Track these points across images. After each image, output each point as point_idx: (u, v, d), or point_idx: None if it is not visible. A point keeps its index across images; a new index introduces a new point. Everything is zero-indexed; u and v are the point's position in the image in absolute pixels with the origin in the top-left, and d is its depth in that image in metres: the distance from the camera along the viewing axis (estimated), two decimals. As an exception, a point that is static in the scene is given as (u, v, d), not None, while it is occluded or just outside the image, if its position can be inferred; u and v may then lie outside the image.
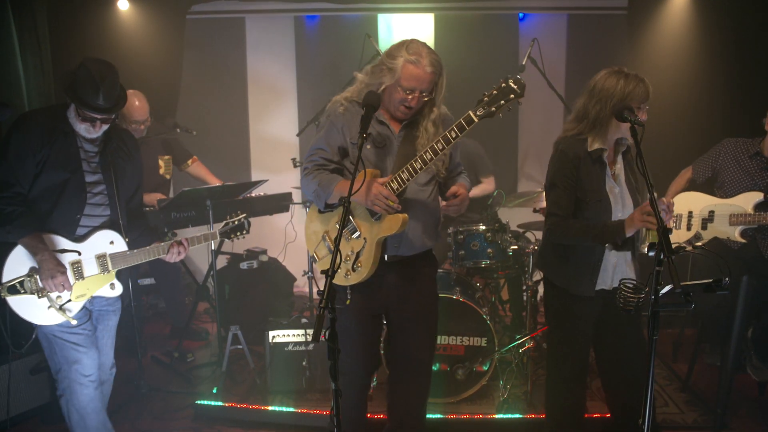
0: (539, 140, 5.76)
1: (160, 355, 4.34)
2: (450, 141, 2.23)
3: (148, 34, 4.87)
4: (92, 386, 2.69)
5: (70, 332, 2.63)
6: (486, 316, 3.51)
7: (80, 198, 2.61)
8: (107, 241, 2.68)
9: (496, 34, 5.58)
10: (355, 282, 2.40)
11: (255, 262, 4.51)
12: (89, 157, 2.64)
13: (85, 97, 2.47)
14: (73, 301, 2.62)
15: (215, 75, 5.69)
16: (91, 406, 2.70)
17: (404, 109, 2.34)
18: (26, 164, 2.51)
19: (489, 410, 3.44)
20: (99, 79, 2.47)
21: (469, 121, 2.21)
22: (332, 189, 2.33)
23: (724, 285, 1.89)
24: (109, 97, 2.51)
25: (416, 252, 2.49)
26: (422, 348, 2.61)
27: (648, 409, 1.98)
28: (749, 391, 3.65)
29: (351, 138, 2.40)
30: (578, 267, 2.52)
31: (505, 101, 2.20)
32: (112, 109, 2.54)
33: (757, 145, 3.48)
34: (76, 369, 2.64)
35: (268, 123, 5.83)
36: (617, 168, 2.56)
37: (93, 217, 2.67)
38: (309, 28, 5.74)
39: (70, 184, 2.58)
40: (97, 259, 2.66)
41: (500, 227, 3.95)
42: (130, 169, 2.78)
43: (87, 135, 2.59)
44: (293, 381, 3.66)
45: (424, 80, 2.28)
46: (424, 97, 2.32)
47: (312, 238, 2.53)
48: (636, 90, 2.38)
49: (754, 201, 3.37)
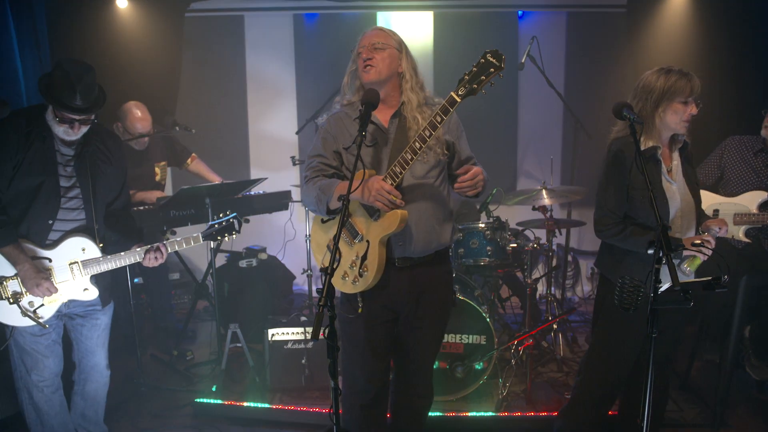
0: (538, 138, 5.77)
1: (159, 354, 4.34)
2: (436, 125, 2.19)
3: (146, 32, 4.86)
4: (48, 390, 2.70)
5: (32, 338, 2.63)
6: (485, 314, 3.51)
7: (54, 202, 2.57)
8: (79, 248, 2.64)
9: (496, 32, 5.58)
10: (363, 288, 2.33)
11: (254, 261, 4.51)
12: (65, 161, 2.60)
13: (61, 97, 2.43)
14: (45, 306, 2.61)
15: (214, 73, 5.68)
16: (47, 407, 2.72)
17: (364, 66, 2.36)
18: (4, 169, 2.48)
19: (488, 408, 3.43)
20: (75, 80, 2.43)
21: (452, 102, 2.18)
22: (333, 191, 2.30)
23: (723, 283, 1.89)
24: (86, 97, 2.47)
25: (427, 253, 2.41)
26: (426, 355, 2.57)
27: (648, 408, 1.98)
28: (748, 389, 3.66)
29: (343, 144, 2.41)
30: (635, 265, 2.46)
31: (486, 76, 2.15)
32: (89, 110, 2.50)
33: (761, 142, 3.47)
34: (32, 374, 2.65)
35: (267, 121, 5.82)
36: (674, 165, 2.54)
37: (67, 221, 2.63)
38: (308, 26, 5.73)
39: (44, 188, 2.54)
40: (69, 265, 2.63)
41: (499, 225, 3.96)
42: (111, 171, 2.72)
43: (66, 137, 2.54)
44: (292, 379, 3.66)
45: (372, 35, 2.39)
46: (375, 49, 2.36)
47: (317, 250, 2.49)
48: (677, 84, 2.40)
49: (759, 200, 3.36)
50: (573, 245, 5.69)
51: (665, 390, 2.81)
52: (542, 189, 4.08)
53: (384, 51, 2.36)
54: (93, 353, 2.82)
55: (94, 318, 2.79)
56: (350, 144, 2.38)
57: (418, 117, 2.35)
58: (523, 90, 5.67)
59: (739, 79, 4.54)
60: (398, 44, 2.42)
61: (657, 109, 2.43)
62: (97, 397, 2.91)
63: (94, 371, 2.85)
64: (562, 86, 5.42)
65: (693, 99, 2.42)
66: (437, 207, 2.40)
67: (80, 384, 2.87)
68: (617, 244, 2.50)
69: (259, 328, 3.81)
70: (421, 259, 2.40)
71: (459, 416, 3.34)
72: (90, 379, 2.86)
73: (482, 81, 2.15)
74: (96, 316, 2.79)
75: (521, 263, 4.20)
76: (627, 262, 2.49)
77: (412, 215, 2.30)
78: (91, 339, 2.80)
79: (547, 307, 4.41)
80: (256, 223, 4.51)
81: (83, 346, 2.80)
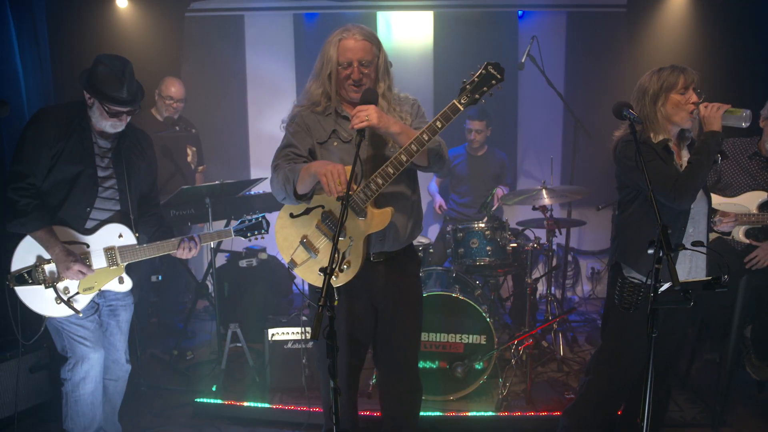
0: (538, 138, 5.77)
1: (159, 353, 4.34)
2: (436, 131, 2.21)
3: (146, 32, 4.87)
4: (92, 381, 2.72)
5: (78, 325, 2.67)
6: (485, 314, 3.51)
7: (92, 191, 2.66)
8: (116, 234, 2.71)
9: (496, 32, 5.58)
10: (343, 282, 2.37)
11: (254, 260, 4.51)
12: (103, 153, 2.69)
13: (109, 92, 2.53)
14: (81, 294, 2.65)
15: (214, 73, 5.68)
16: (89, 399, 2.74)
17: (352, 87, 2.34)
18: (41, 157, 2.56)
19: (488, 408, 3.43)
20: (119, 73, 2.54)
21: (455, 110, 2.20)
22: (298, 171, 2.26)
23: (723, 283, 1.89)
24: (131, 89, 2.58)
25: (401, 246, 2.48)
26: (409, 346, 2.59)
27: (647, 408, 1.98)
28: (748, 389, 3.66)
29: (318, 138, 2.40)
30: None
31: (488, 87, 2.21)
32: (134, 101, 2.60)
33: (755, 145, 3.47)
34: (80, 363, 2.68)
35: (267, 121, 5.81)
36: (683, 162, 2.56)
37: (103, 210, 2.71)
38: (308, 26, 5.74)
39: (83, 178, 2.63)
40: (105, 251, 2.69)
41: (499, 225, 3.96)
42: (144, 166, 2.83)
43: (113, 130, 2.64)
44: (292, 378, 3.66)
45: (357, 49, 2.30)
46: (363, 69, 2.32)
47: (285, 245, 2.45)
48: (670, 78, 2.46)
49: (759, 200, 3.36)
50: (573, 245, 5.69)
51: (667, 394, 2.80)
52: (542, 189, 4.08)
53: (371, 66, 2.34)
54: (116, 348, 2.86)
55: (118, 314, 2.83)
56: (326, 139, 2.38)
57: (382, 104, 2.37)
58: (523, 90, 5.67)
59: (739, 79, 4.54)
60: (377, 47, 2.37)
61: (656, 104, 2.49)
62: (116, 393, 2.94)
63: (116, 365, 2.88)
64: (562, 86, 5.42)
65: (691, 87, 2.47)
66: (409, 202, 2.47)
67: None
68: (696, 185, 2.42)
69: (259, 328, 3.80)
70: (395, 253, 2.47)
71: (459, 416, 3.34)
72: (109, 375, 2.88)
73: (484, 92, 2.22)
74: (119, 312, 2.83)
75: (521, 263, 4.20)
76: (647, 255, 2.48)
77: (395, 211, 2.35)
78: (114, 335, 2.84)
79: (547, 306, 4.41)
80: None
81: (107, 340, 2.83)
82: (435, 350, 3.54)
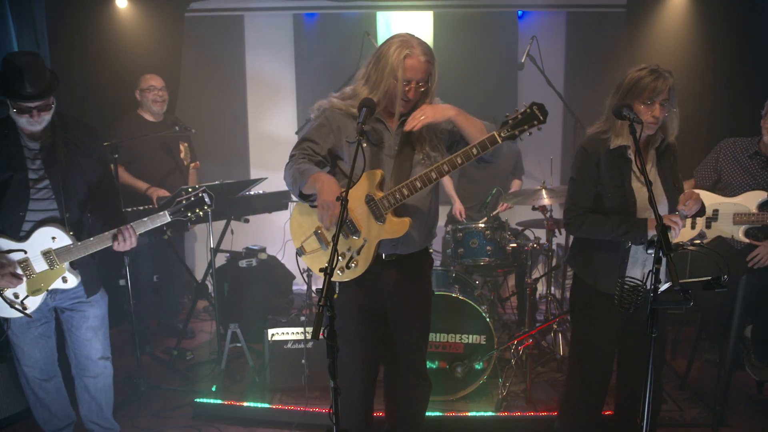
0: (537, 138, 5.72)
1: (159, 353, 4.34)
2: (471, 157, 2.26)
3: (146, 32, 4.87)
4: (39, 378, 2.82)
5: (19, 329, 2.72)
6: (485, 314, 3.51)
7: (24, 195, 2.63)
8: (49, 237, 2.68)
9: (495, 32, 5.58)
10: (348, 279, 2.37)
11: (254, 260, 4.51)
12: (33, 155, 2.65)
13: (12, 87, 2.50)
14: (30, 297, 2.67)
15: (214, 73, 5.68)
16: (42, 393, 2.84)
17: (404, 103, 2.34)
18: None
19: (488, 408, 3.43)
20: (23, 68, 2.48)
21: (493, 142, 2.26)
22: (307, 177, 2.26)
23: (722, 282, 1.89)
24: (36, 83, 2.52)
25: (414, 251, 2.48)
26: (417, 348, 2.60)
27: (647, 407, 1.98)
28: (748, 389, 3.66)
29: (347, 137, 2.38)
30: (604, 263, 2.50)
31: (528, 126, 2.28)
32: (41, 95, 2.54)
33: (755, 144, 3.47)
34: (22, 364, 2.78)
35: (266, 121, 5.82)
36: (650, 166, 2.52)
37: (39, 212, 2.67)
38: (308, 26, 5.74)
39: (13, 183, 2.59)
40: (43, 255, 2.67)
41: (499, 225, 3.96)
42: (87, 162, 2.75)
43: (30, 127, 2.60)
44: (292, 379, 3.66)
45: (420, 70, 2.30)
46: (420, 87, 2.33)
47: (299, 231, 2.46)
48: (641, 83, 2.36)
49: (759, 200, 3.36)
50: (573, 245, 5.69)
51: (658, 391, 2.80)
52: (542, 189, 4.08)
53: (427, 84, 2.36)
54: (84, 345, 2.84)
55: (82, 310, 2.82)
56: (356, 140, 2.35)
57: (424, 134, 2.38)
58: (523, 90, 5.67)
59: (738, 79, 4.54)
60: (434, 64, 2.38)
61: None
62: (99, 390, 2.93)
63: (89, 363, 2.87)
64: (562, 86, 5.42)
65: (658, 100, 2.36)
66: (428, 213, 2.47)
67: (79, 378, 2.90)
68: (582, 234, 2.54)
69: (259, 328, 3.80)
70: (408, 255, 2.47)
71: (459, 416, 3.34)
72: (86, 373, 2.88)
73: (524, 130, 2.29)
74: (83, 308, 2.81)
75: (521, 263, 4.20)
76: (597, 261, 2.52)
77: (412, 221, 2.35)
78: (80, 331, 2.82)
79: (546, 306, 4.41)
80: (255, 223, 4.51)
81: (74, 338, 2.84)
82: (435, 350, 3.54)
